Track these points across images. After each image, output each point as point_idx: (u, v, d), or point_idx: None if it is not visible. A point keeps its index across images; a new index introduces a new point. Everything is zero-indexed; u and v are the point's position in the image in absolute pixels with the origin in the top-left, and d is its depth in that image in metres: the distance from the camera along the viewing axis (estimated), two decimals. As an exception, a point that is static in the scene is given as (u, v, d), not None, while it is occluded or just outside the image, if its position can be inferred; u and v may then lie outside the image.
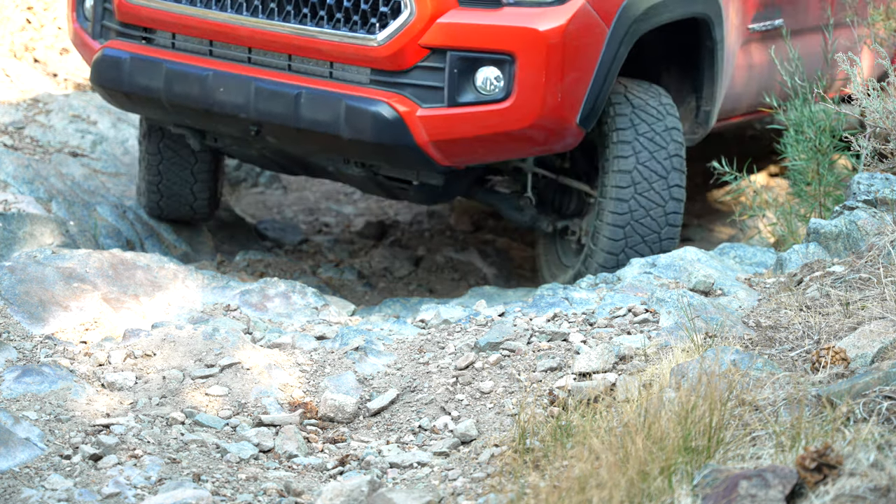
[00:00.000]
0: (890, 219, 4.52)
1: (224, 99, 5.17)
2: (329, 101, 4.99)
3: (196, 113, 5.31)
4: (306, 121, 5.04)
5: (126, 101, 5.53)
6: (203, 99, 5.21)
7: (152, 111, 5.54)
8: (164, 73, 5.26)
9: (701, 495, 2.83)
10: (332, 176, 5.77)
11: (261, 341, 4.57)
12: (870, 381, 3.17)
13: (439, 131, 4.94)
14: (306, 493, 3.58)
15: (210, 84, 5.17)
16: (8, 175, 6.16)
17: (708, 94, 5.68)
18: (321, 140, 5.12)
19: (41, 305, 4.56)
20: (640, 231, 5.27)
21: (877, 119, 4.55)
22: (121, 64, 5.36)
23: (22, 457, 3.59)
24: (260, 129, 5.20)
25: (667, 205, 5.29)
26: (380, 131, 4.94)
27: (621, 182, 5.27)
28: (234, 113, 5.17)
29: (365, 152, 5.13)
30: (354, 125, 4.96)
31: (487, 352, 4.26)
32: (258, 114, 5.12)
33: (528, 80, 4.91)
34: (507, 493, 3.19)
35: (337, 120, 4.98)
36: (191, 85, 5.22)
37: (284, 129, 5.13)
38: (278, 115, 5.09)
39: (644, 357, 4.08)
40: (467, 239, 7.01)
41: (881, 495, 2.66)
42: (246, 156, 5.90)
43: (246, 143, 5.55)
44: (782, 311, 4.26)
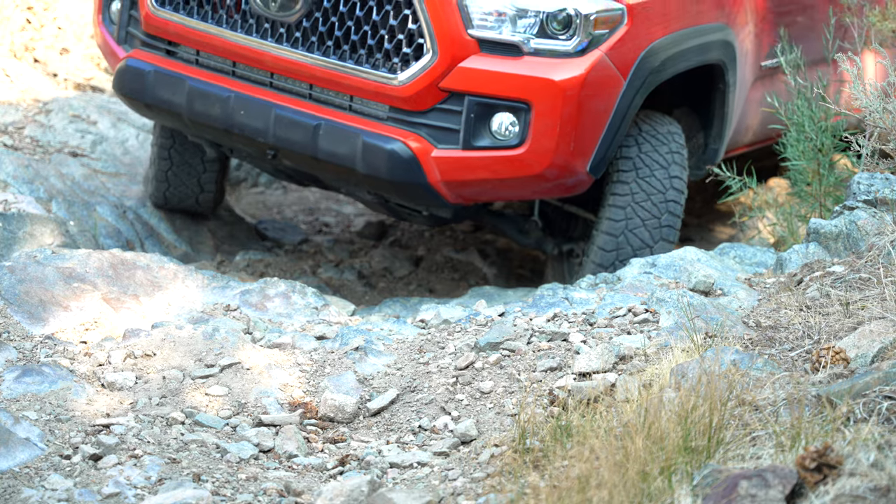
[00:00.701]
0: (890, 219, 4.52)
1: (244, 122, 5.26)
2: (347, 136, 5.09)
3: (215, 131, 5.40)
4: (324, 152, 5.15)
5: (146, 111, 5.60)
6: (223, 120, 5.30)
7: (172, 122, 5.63)
8: (186, 91, 5.34)
9: (701, 495, 2.83)
10: (343, 191, 5.87)
11: (261, 341, 4.57)
12: (870, 381, 3.17)
13: (452, 172, 5.06)
14: (306, 493, 3.58)
15: (231, 106, 5.26)
16: (8, 175, 6.16)
17: (716, 133, 5.78)
18: (336, 170, 5.23)
19: (41, 305, 4.56)
20: (632, 242, 5.35)
21: (877, 119, 4.54)
22: (144, 76, 5.43)
23: (22, 457, 3.59)
24: (277, 154, 5.30)
25: (662, 218, 5.35)
26: (394, 169, 5.05)
27: (620, 190, 5.35)
28: (253, 137, 5.26)
29: (378, 186, 5.24)
30: (370, 161, 5.07)
31: (487, 352, 4.26)
32: (277, 140, 5.22)
33: (542, 128, 5.00)
34: (506, 493, 3.19)
35: (353, 154, 5.09)
36: (212, 105, 5.31)
37: (302, 156, 5.24)
38: (297, 144, 5.19)
39: (644, 357, 4.08)
40: (467, 239, 7.01)
41: (881, 495, 2.66)
42: (259, 165, 6.01)
43: (262, 160, 5.65)
44: (782, 311, 4.26)
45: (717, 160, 5.83)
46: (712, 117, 5.74)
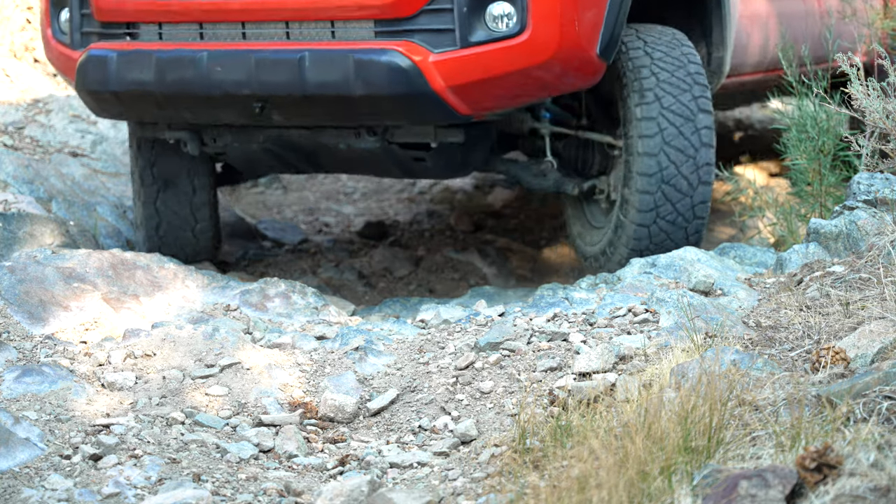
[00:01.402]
0: (890, 219, 4.52)
1: (223, 78, 4.90)
2: (336, 59, 4.76)
3: (194, 101, 5.03)
4: (314, 84, 4.80)
5: (116, 103, 5.23)
6: (200, 82, 4.94)
7: (145, 110, 5.23)
8: (154, 63, 4.99)
9: (701, 495, 2.83)
10: (343, 165, 5.52)
11: (261, 341, 4.57)
12: (870, 381, 3.17)
13: (455, 75, 4.72)
14: (306, 493, 3.58)
15: (206, 64, 4.91)
16: (8, 175, 6.16)
17: (718, 38, 5.50)
18: (331, 105, 4.86)
19: (41, 305, 4.56)
20: (672, 158, 5.04)
21: (877, 119, 4.55)
22: (107, 62, 5.09)
23: (22, 457, 3.59)
24: (265, 105, 4.93)
25: (698, 153, 5.05)
26: (394, 81, 4.71)
27: (647, 130, 5.06)
28: (236, 91, 4.91)
29: (380, 110, 4.87)
30: (366, 79, 4.73)
31: (487, 352, 4.26)
32: (261, 87, 4.87)
33: (542, 10, 4.70)
34: (506, 493, 3.19)
35: (346, 77, 4.75)
36: (185, 69, 4.95)
37: (291, 99, 4.87)
38: (283, 85, 4.83)
39: (644, 357, 4.08)
40: (467, 239, 7.01)
41: (881, 495, 2.66)
42: (248, 157, 5.62)
43: (249, 134, 5.31)
44: (782, 311, 4.26)
45: (725, 72, 5.57)
46: (710, 19, 5.45)
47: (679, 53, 5.13)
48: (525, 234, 7.18)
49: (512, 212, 7.56)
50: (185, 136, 5.46)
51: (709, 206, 5.15)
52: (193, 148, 5.50)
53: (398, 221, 7.42)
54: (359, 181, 8.18)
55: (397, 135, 5.12)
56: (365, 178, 8.19)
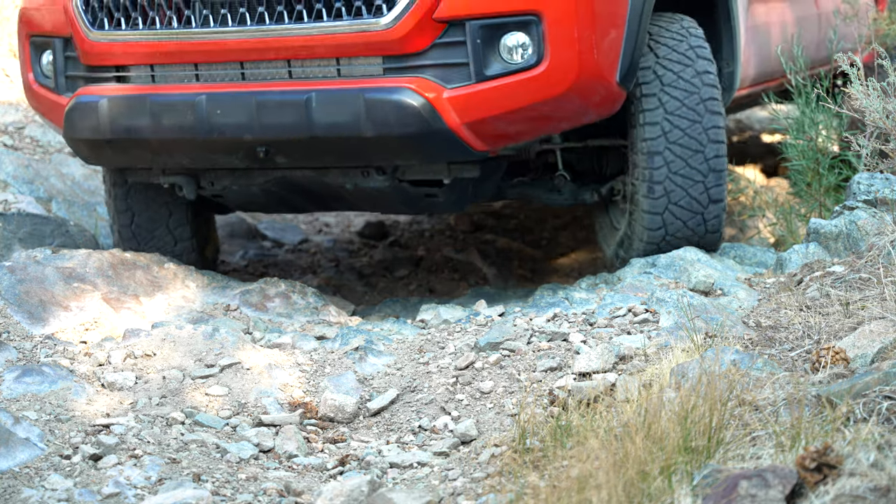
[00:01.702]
0: (890, 219, 4.52)
1: (223, 122, 4.65)
2: (345, 99, 4.52)
3: (192, 147, 4.77)
4: (322, 126, 4.56)
5: (108, 153, 4.94)
6: (199, 127, 4.68)
7: (140, 157, 4.93)
8: (149, 108, 4.73)
9: (701, 495, 2.83)
10: (348, 203, 5.30)
11: (261, 341, 4.57)
12: (870, 381, 3.17)
13: (471, 111, 4.50)
14: (306, 493, 3.58)
15: (205, 108, 4.66)
16: (8, 175, 6.16)
17: (728, 53, 5.37)
18: (340, 146, 4.64)
19: (41, 305, 4.56)
20: (677, 152, 4.88)
21: (877, 119, 4.55)
22: (97, 108, 4.79)
23: (22, 457, 3.59)
24: (269, 150, 4.70)
25: (706, 149, 4.87)
26: (407, 120, 4.47)
27: (650, 134, 4.89)
28: (238, 136, 4.66)
29: (392, 150, 4.64)
30: (377, 119, 4.49)
31: (487, 352, 4.26)
32: (265, 131, 4.63)
33: (559, 38, 4.48)
34: (506, 493, 3.19)
35: (357, 118, 4.51)
36: (182, 114, 4.68)
37: (297, 142, 4.64)
38: (289, 127, 4.60)
39: (644, 357, 4.08)
40: (467, 239, 7.01)
41: (881, 495, 2.66)
42: (246, 198, 5.34)
43: (249, 177, 5.08)
44: (782, 311, 4.26)
45: (736, 87, 5.44)
46: (720, 34, 5.27)
47: (686, 48, 4.94)
48: (525, 234, 7.18)
49: (512, 212, 7.56)
50: (180, 180, 5.19)
51: (723, 191, 4.96)
52: (190, 192, 5.22)
53: (398, 221, 7.42)
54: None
55: (408, 172, 4.91)
56: (365, 178, 8.18)
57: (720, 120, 4.86)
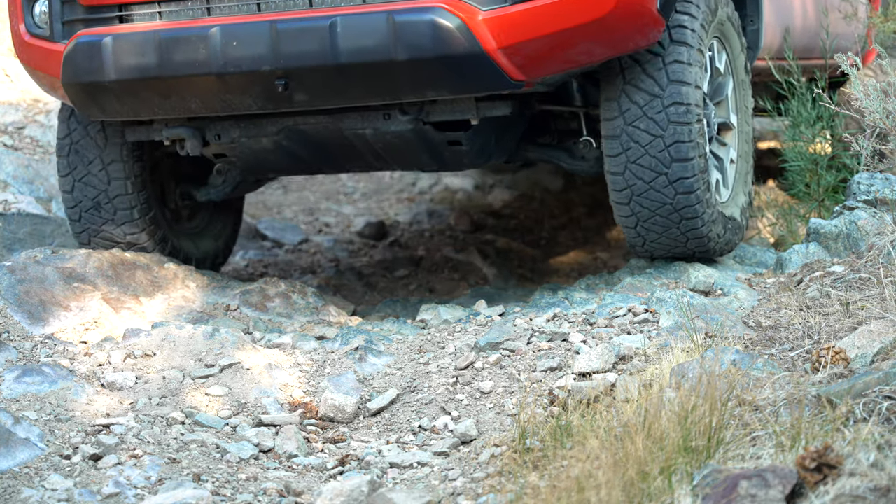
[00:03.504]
0: (890, 219, 4.52)
1: (240, 54, 4.35)
2: (373, 22, 4.24)
3: (205, 86, 4.45)
4: (348, 52, 4.26)
5: (112, 99, 4.60)
6: (213, 62, 4.37)
7: (146, 103, 4.60)
8: (158, 45, 4.42)
9: (701, 495, 2.83)
10: (364, 160, 4.93)
11: (261, 341, 4.57)
12: (870, 381, 3.17)
13: (509, 34, 4.23)
14: (306, 493, 3.58)
15: (219, 41, 4.35)
16: (8, 175, 6.16)
17: (753, 9, 5.22)
18: (368, 76, 4.33)
19: (41, 305, 4.56)
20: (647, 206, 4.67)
21: (876, 119, 4.55)
22: (102, 48, 4.48)
23: (22, 457, 3.59)
24: (289, 83, 4.37)
25: (670, 168, 4.60)
26: (441, 42, 4.20)
27: (611, 150, 4.65)
28: (256, 67, 4.35)
29: (424, 78, 4.32)
30: (410, 42, 4.21)
31: (487, 352, 4.26)
32: (286, 60, 4.31)
33: None
34: (506, 493, 3.19)
35: (386, 42, 4.23)
36: (195, 49, 4.38)
37: (320, 73, 4.33)
38: (312, 55, 4.29)
39: (644, 357, 4.08)
40: (467, 239, 7.01)
41: (881, 495, 2.66)
42: (255, 157, 4.98)
43: (259, 126, 4.77)
44: (782, 311, 4.26)
45: (760, 45, 5.26)
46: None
47: None
48: (525, 234, 7.18)
49: (512, 212, 7.57)
50: (184, 133, 4.88)
51: (696, 210, 4.68)
52: (194, 147, 4.91)
53: (398, 221, 7.42)
54: (359, 181, 8.18)
55: (433, 112, 4.63)
56: (365, 178, 8.19)
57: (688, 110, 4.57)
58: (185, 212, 5.48)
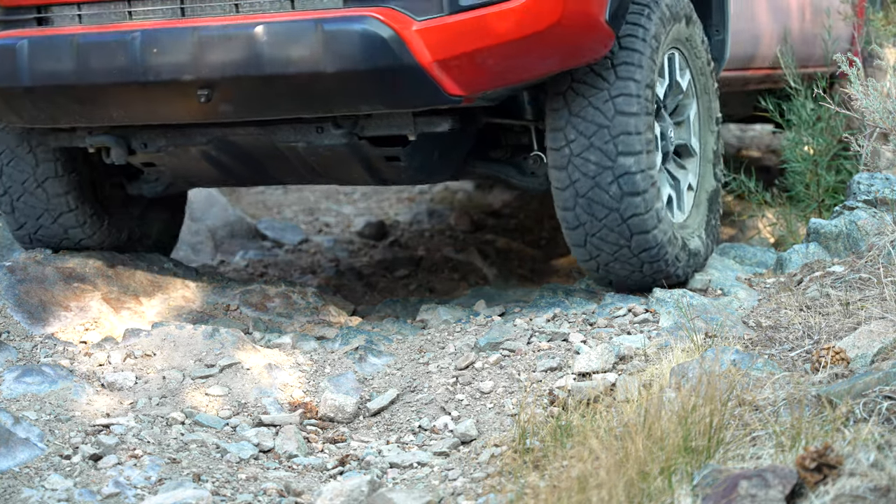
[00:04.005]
0: (890, 219, 4.52)
1: (160, 62, 4.10)
2: (301, 31, 4.00)
3: (124, 94, 4.22)
4: (274, 63, 4.02)
5: (28, 105, 4.37)
6: (132, 69, 4.12)
7: (63, 110, 4.36)
8: (76, 49, 4.18)
9: (701, 495, 2.83)
10: (298, 173, 4.71)
11: (261, 341, 4.57)
12: (870, 381, 3.17)
13: (444, 46, 3.99)
14: (306, 493, 3.58)
15: (139, 47, 4.11)
16: (8, 175, 6.15)
17: (718, 18, 5.00)
18: (295, 88, 4.09)
19: (41, 305, 4.56)
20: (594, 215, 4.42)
21: (876, 119, 4.55)
22: (16, 52, 4.24)
23: (22, 457, 3.59)
24: (211, 93, 4.12)
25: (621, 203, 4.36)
26: (372, 54, 3.95)
27: (557, 162, 4.42)
28: (176, 77, 4.10)
29: (355, 92, 4.09)
30: (339, 53, 3.97)
31: (487, 352, 4.26)
32: (209, 70, 4.08)
33: None
34: (506, 493, 3.19)
35: (315, 51, 3.98)
36: (114, 55, 4.14)
37: (245, 83, 4.10)
38: (235, 65, 4.06)
39: (644, 357, 4.08)
40: (467, 239, 7.01)
41: (881, 495, 2.66)
42: (184, 167, 4.74)
43: (186, 136, 4.53)
44: (782, 311, 4.26)
45: (726, 56, 5.06)
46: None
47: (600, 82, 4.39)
48: (525, 234, 7.18)
49: (512, 212, 7.57)
50: (108, 141, 4.62)
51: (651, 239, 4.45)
52: (119, 156, 4.66)
53: (398, 221, 7.42)
54: (359, 181, 8.18)
55: (369, 127, 4.38)
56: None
57: (634, 123, 4.34)
58: (116, 201, 5.21)
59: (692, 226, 4.79)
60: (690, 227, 4.78)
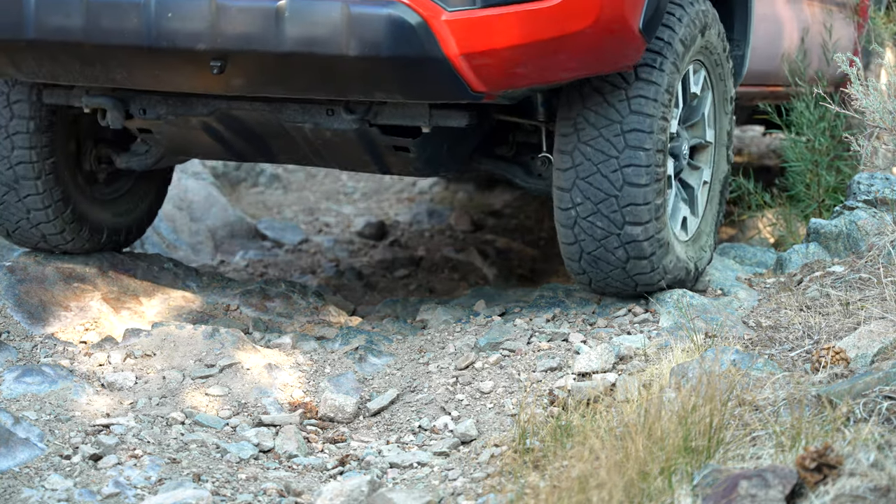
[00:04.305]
0: (890, 219, 4.52)
1: (175, 27, 3.92)
2: (326, 11, 3.83)
3: (133, 57, 4.02)
4: (294, 40, 3.85)
5: (29, 59, 4.16)
6: (144, 33, 3.94)
7: (66, 68, 4.16)
8: (86, 6, 3.99)
9: (701, 495, 2.83)
10: (300, 153, 4.55)
11: (261, 341, 4.57)
12: (870, 381, 3.18)
13: (473, 40, 3.83)
14: (306, 493, 3.58)
15: (153, 10, 3.92)
16: (8, 175, 6.15)
17: (741, 32, 4.91)
18: (314, 69, 3.93)
19: (41, 305, 4.56)
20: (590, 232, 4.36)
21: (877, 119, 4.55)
22: (22, 3, 4.03)
23: (22, 457, 3.59)
24: (224, 66, 3.95)
25: (621, 193, 4.27)
26: (397, 41, 3.79)
27: (562, 164, 4.34)
28: (190, 45, 3.93)
29: (375, 78, 3.93)
30: (363, 37, 3.80)
31: (487, 352, 4.26)
32: (224, 41, 3.90)
33: None
34: (506, 493, 3.19)
35: (337, 33, 3.81)
36: (126, 16, 3.96)
37: (261, 59, 3.93)
38: (253, 39, 3.88)
39: (644, 357, 4.08)
40: (467, 239, 7.01)
41: (881, 495, 2.66)
42: (181, 138, 4.56)
43: (189, 105, 4.36)
44: (782, 311, 4.26)
45: (743, 73, 4.99)
46: (734, 8, 4.82)
47: None
48: (525, 234, 7.18)
49: (512, 212, 7.57)
50: (106, 103, 4.45)
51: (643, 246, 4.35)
52: (115, 120, 4.46)
53: (398, 221, 7.42)
54: (359, 181, 8.19)
55: (382, 115, 4.23)
56: (365, 178, 8.19)
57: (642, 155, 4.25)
58: (101, 175, 5.00)
59: (705, 230, 4.74)
60: (703, 232, 4.72)
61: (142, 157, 4.90)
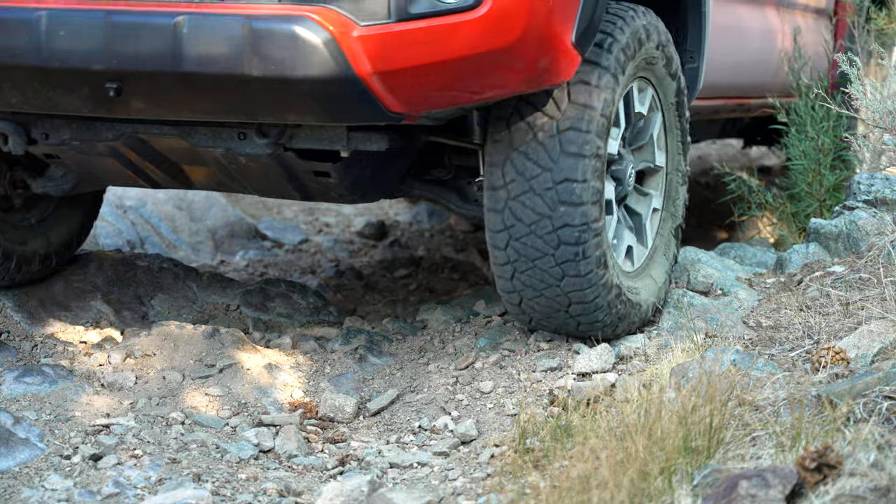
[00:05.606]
0: (890, 219, 4.52)
1: (67, 47, 3.64)
2: (226, 27, 3.53)
3: (25, 77, 3.74)
4: (193, 60, 3.55)
5: None
6: (36, 52, 3.67)
7: None
8: None
9: (701, 495, 2.83)
10: (215, 180, 4.22)
11: (261, 341, 4.57)
12: (870, 381, 3.18)
13: (387, 57, 3.50)
14: (306, 493, 3.58)
15: (45, 29, 3.65)
16: (8, 175, 6.16)
17: (694, 43, 4.57)
18: (215, 91, 3.62)
19: (41, 305, 4.56)
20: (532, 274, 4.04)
21: (877, 119, 4.55)
22: None
23: (22, 457, 3.59)
24: (121, 88, 3.65)
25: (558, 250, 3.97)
26: (305, 59, 3.48)
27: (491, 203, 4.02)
28: (84, 65, 3.64)
29: (282, 100, 3.62)
30: (266, 55, 3.49)
31: (487, 352, 4.26)
32: (119, 61, 3.61)
33: None
34: (507, 493, 3.19)
35: (239, 52, 3.51)
36: (15, 34, 3.68)
37: (158, 80, 3.63)
38: (149, 58, 3.58)
39: (644, 357, 4.08)
40: (467, 239, 7.01)
41: (881, 495, 2.66)
42: (89, 164, 4.26)
43: (93, 130, 4.05)
44: (782, 311, 4.26)
45: (699, 87, 4.66)
46: (686, 20, 4.51)
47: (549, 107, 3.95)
48: (525, 234, 7.18)
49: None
50: (5, 127, 4.14)
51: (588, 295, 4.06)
52: (17, 145, 4.16)
53: (398, 221, 7.42)
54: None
55: (297, 138, 3.93)
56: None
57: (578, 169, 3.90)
58: (17, 201, 4.68)
59: (658, 261, 4.42)
60: (654, 265, 4.41)
61: (58, 183, 4.52)
